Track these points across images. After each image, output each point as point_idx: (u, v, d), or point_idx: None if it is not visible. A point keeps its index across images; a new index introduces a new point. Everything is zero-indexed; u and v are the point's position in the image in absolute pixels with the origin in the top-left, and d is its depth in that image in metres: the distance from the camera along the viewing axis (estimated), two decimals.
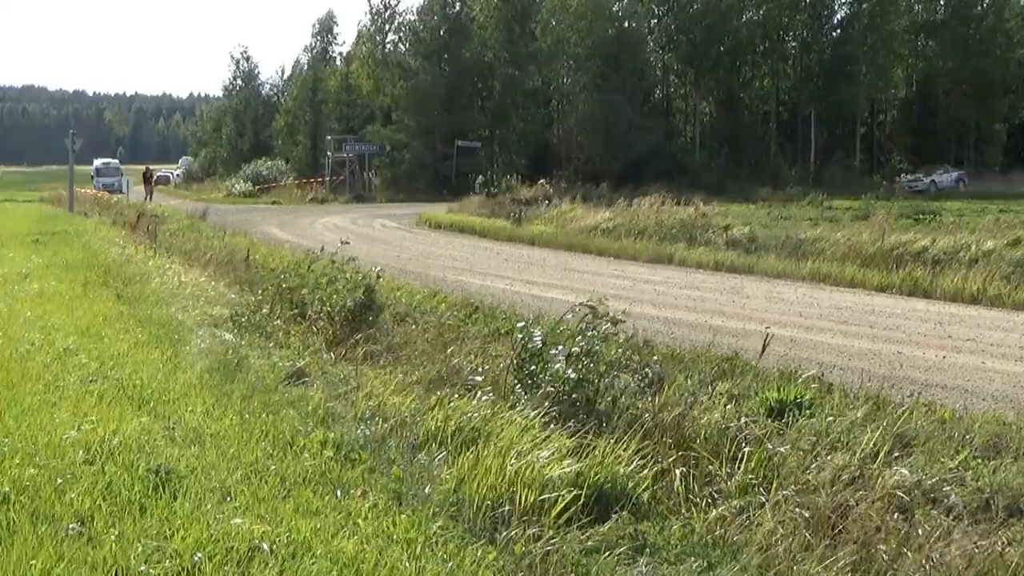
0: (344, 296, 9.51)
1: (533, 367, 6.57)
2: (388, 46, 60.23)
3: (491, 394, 6.51)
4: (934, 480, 5.42)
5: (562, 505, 4.74)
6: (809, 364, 8.91)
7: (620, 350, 6.76)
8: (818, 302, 14.27)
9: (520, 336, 6.85)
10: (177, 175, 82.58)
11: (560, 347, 6.53)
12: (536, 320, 8.89)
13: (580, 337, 6.53)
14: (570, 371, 6.32)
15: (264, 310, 10.19)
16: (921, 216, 25.96)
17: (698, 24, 54.97)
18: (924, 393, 7.89)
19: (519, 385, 6.57)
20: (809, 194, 35.35)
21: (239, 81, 78.55)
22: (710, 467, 5.45)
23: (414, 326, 10.02)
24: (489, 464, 5.05)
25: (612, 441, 5.49)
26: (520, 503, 4.76)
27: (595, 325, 6.58)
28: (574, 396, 6.26)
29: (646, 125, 51.09)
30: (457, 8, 56.71)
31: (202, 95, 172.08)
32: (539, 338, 6.70)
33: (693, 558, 4.39)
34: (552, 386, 6.31)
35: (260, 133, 74.21)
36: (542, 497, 4.79)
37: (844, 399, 7.21)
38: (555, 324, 7.07)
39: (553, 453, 5.23)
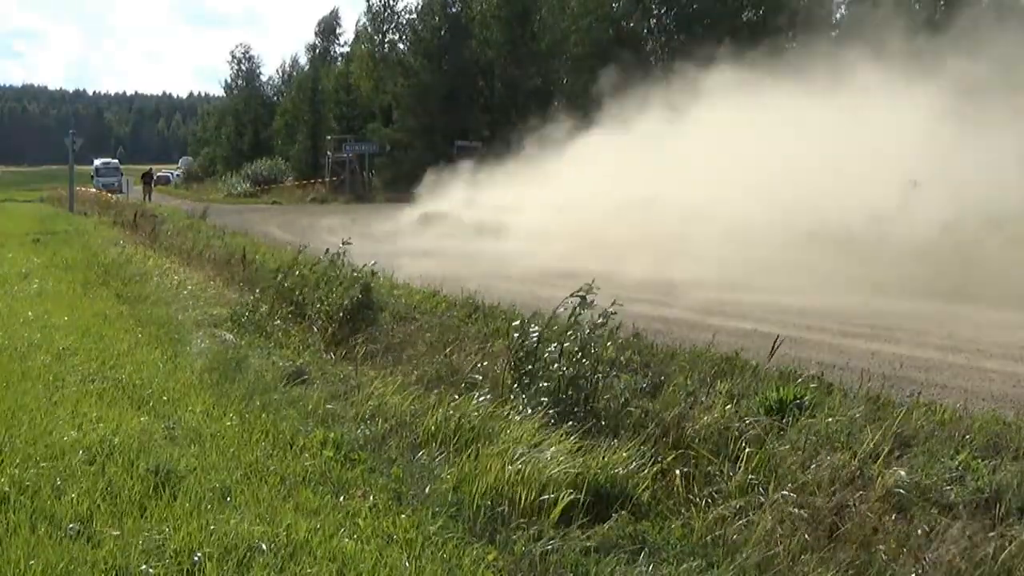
0: (342, 295, 9.52)
1: (530, 366, 6.56)
2: (387, 45, 60.19)
3: (489, 394, 6.51)
4: (934, 480, 5.41)
5: (562, 505, 4.74)
6: (809, 364, 8.91)
7: (614, 345, 6.75)
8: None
9: (516, 335, 6.84)
10: (177, 175, 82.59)
11: (554, 344, 6.53)
12: (533, 317, 8.88)
13: (571, 332, 6.52)
14: (565, 368, 6.30)
15: (263, 310, 10.19)
16: None
17: (699, 23, 54.96)
18: (924, 393, 7.89)
19: (516, 384, 6.57)
20: None
21: (240, 81, 78.45)
22: (710, 467, 5.45)
23: (414, 326, 10.02)
24: (489, 464, 5.05)
25: (612, 441, 5.49)
26: (520, 503, 4.76)
27: (585, 317, 6.56)
28: (571, 394, 6.26)
29: None
30: (458, 8, 56.69)
31: (202, 95, 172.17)
32: (535, 335, 6.69)
33: (693, 558, 4.39)
34: (548, 383, 6.30)
35: (260, 133, 74.09)
36: (542, 497, 4.79)
37: (844, 399, 7.20)
38: (549, 320, 7.06)
39: (553, 453, 5.24)
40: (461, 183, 32.82)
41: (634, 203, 20.13)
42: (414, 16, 58.20)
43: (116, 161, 75.69)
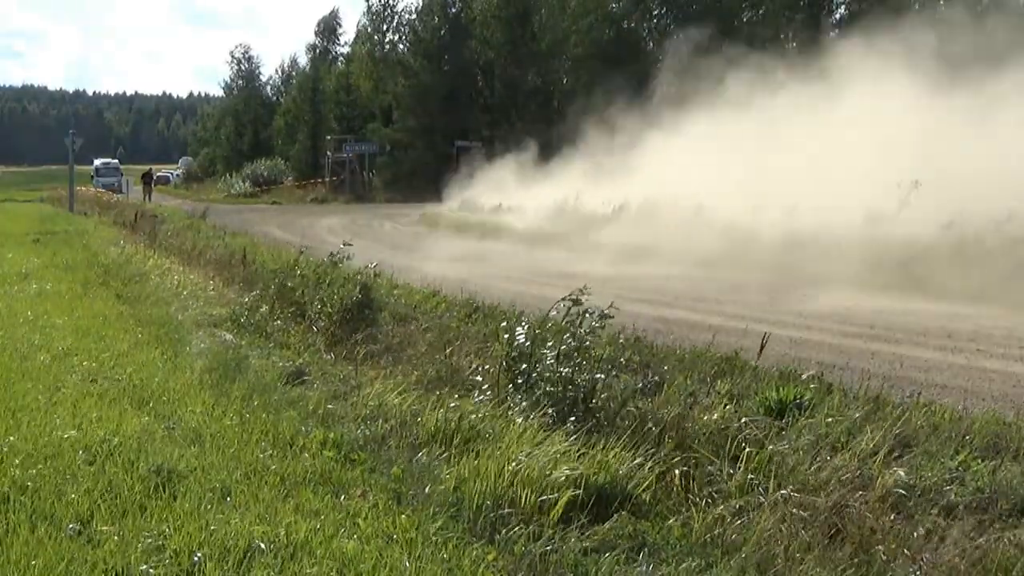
0: (341, 295, 9.52)
1: (524, 366, 6.56)
2: (387, 45, 60.21)
3: (487, 394, 6.50)
4: (934, 480, 5.41)
5: (562, 505, 4.74)
6: (809, 364, 8.91)
7: (610, 345, 6.74)
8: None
9: (505, 336, 6.83)
10: (177, 175, 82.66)
11: (550, 344, 6.52)
12: (520, 317, 8.87)
13: (568, 335, 6.51)
14: (562, 368, 6.30)
15: (263, 310, 10.19)
16: None
17: (699, 23, 55.00)
18: (924, 393, 7.88)
19: (511, 385, 6.56)
20: None
21: (240, 81, 78.43)
22: (710, 467, 5.45)
23: (414, 326, 10.02)
24: (489, 464, 5.05)
25: (612, 441, 5.49)
26: (520, 503, 4.76)
27: (581, 320, 6.55)
28: (569, 394, 6.25)
29: None
30: (458, 8, 56.72)
31: (202, 95, 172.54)
32: (521, 335, 6.69)
33: (692, 557, 4.39)
34: (547, 385, 6.30)
35: (260, 133, 74.11)
36: (542, 497, 4.79)
37: (844, 399, 7.20)
38: (540, 321, 7.05)
39: (553, 453, 5.24)
40: (507, 178, 32.26)
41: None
42: (414, 16, 58.32)
43: (116, 161, 75.73)
